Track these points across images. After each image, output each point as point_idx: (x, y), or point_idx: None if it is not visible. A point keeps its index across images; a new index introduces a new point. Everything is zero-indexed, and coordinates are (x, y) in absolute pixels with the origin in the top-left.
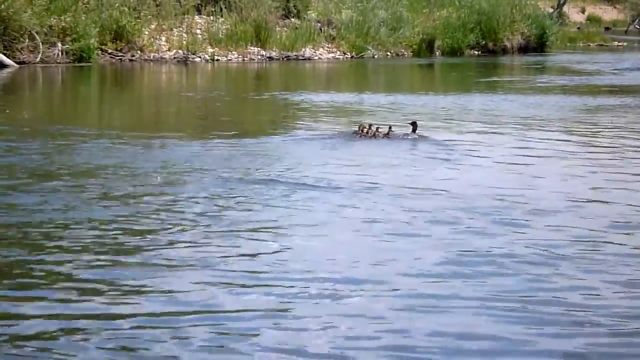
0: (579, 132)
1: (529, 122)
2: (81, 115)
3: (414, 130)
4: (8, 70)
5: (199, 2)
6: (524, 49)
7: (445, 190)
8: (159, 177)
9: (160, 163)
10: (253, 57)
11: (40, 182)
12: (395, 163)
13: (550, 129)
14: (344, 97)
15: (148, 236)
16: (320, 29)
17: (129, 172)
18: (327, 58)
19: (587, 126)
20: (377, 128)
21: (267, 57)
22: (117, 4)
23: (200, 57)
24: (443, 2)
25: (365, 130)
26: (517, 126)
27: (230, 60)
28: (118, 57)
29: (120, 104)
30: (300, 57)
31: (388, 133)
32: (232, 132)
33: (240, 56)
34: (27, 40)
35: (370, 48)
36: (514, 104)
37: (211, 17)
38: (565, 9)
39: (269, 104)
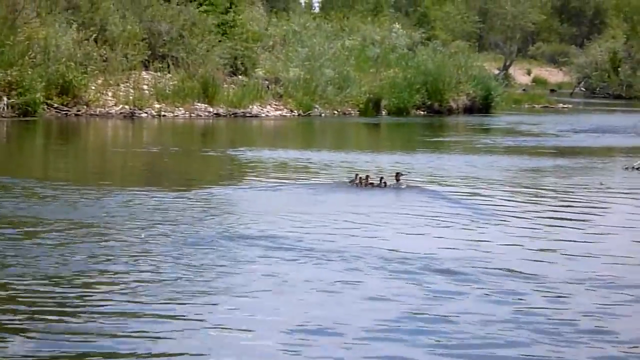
0: (521, 193)
1: (472, 182)
2: (25, 168)
3: (397, 180)
4: None
5: (147, 58)
6: (469, 110)
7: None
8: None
9: (101, 214)
10: (200, 113)
11: None
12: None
13: (493, 190)
14: (293, 154)
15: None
16: (268, 87)
17: (66, 223)
18: (275, 115)
19: (529, 187)
20: (367, 177)
21: (214, 114)
22: (63, 59)
23: (146, 112)
24: (389, 62)
25: (360, 180)
26: (460, 185)
27: (177, 116)
28: (64, 112)
29: (65, 157)
30: (248, 114)
31: (380, 183)
32: (178, 185)
33: (187, 112)
34: None
35: (317, 106)
36: (457, 164)
37: (158, 73)
38: (511, 70)
39: (216, 160)
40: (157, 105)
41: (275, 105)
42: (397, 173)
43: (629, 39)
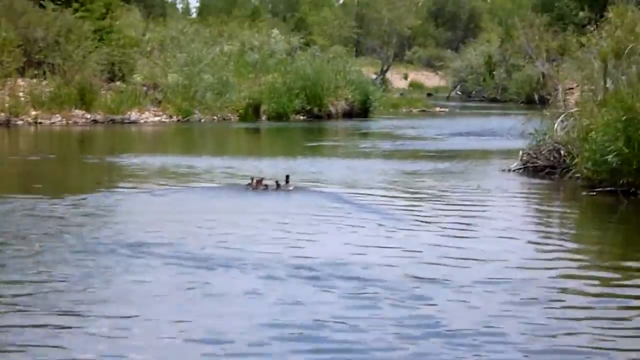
0: (401, 197)
1: (352, 185)
2: None
3: (287, 182)
4: None
5: (22, 64)
6: (348, 114)
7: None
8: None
9: None
10: (78, 120)
11: None
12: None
13: (372, 193)
14: (172, 160)
15: None
16: (146, 93)
17: None
18: (153, 121)
19: (409, 190)
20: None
21: (92, 120)
22: None
23: (22, 120)
24: (268, 67)
25: (255, 183)
26: (340, 189)
27: (54, 123)
28: None
29: None
30: (126, 121)
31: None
32: (57, 193)
33: (64, 119)
34: None
35: (196, 112)
36: (338, 167)
37: (34, 80)
38: (388, 75)
39: (96, 167)
40: (34, 113)
41: (154, 111)
42: (287, 175)
43: (503, 43)
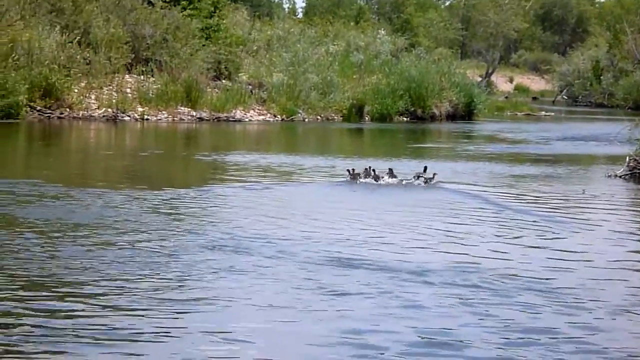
0: (506, 199)
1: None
2: (7, 169)
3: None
4: None
5: (130, 61)
6: (452, 117)
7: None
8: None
9: (87, 215)
10: (183, 117)
11: None
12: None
13: (481, 196)
14: (277, 159)
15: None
16: (251, 91)
17: (50, 224)
18: (258, 120)
19: (513, 194)
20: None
21: (197, 118)
22: (47, 61)
23: (129, 116)
24: (373, 68)
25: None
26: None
27: (160, 119)
28: (47, 114)
29: (47, 159)
30: (231, 119)
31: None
32: (167, 187)
33: (170, 116)
34: None
35: (300, 111)
36: (441, 169)
37: (142, 77)
38: (493, 78)
39: (200, 163)
40: (140, 109)
41: (259, 110)
42: (390, 169)
43: (611, 48)
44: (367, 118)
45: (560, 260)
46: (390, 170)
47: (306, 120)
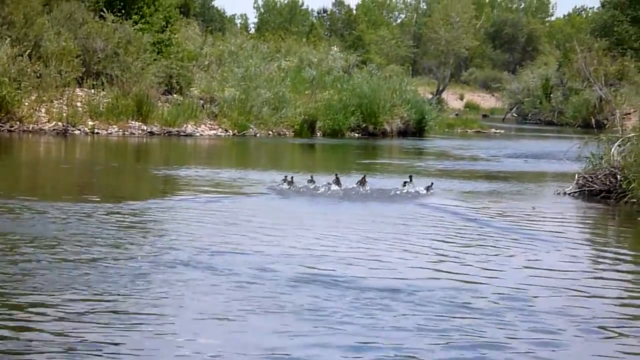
0: (457, 215)
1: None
2: None
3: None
4: None
5: (81, 75)
6: (403, 133)
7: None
8: None
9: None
10: (134, 131)
11: None
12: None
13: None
14: (227, 174)
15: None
16: (203, 106)
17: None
18: (209, 135)
19: (462, 211)
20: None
21: (148, 132)
22: None
23: (80, 129)
24: (325, 84)
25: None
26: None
27: (110, 133)
28: None
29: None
30: (182, 133)
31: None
32: (109, 200)
33: (120, 130)
34: None
35: (252, 126)
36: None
37: (92, 90)
38: (444, 95)
39: (148, 176)
40: (91, 123)
41: (210, 124)
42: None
43: (561, 66)
44: (318, 134)
45: (513, 274)
46: (337, 177)
47: (258, 135)
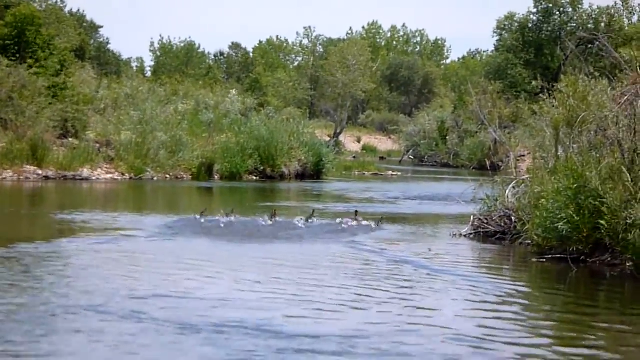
0: (347, 259)
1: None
2: None
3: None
4: None
5: None
6: (301, 176)
7: None
8: None
9: None
10: (29, 175)
11: None
12: None
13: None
14: (123, 218)
15: None
16: (99, 150)
17: None
18: (106, 179)
19: (356, 252)
20: None
21: (44, 176)
22: None
23: None
24: (222, 127)
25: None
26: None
27: (4, 178)
28: None
29: None
30: (78, 177)
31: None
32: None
33: (15, 175)
34: None
35: (149, 170)
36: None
37: None
38: (341, 137)
39: (42, 222)
40: None
41: (107, 168)
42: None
43: (456, 109)
44: (216, 177)
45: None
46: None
47: (155, 178)
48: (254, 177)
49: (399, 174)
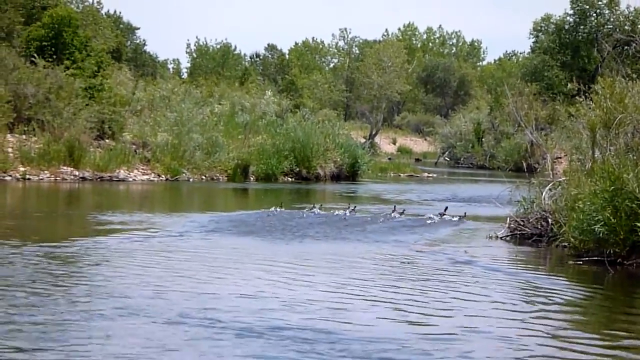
0: (386, 260)
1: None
2: None
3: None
4: None
5: (12, 120)
6: (336, 177)
7: None
8: None
9: None
10: (66, 176)
11: None
12: None
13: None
14: (158, 218)
15: None
16: (135, 151)
17: None
18: (142, 180)
19: (394, 254)
20: None
21: (80, 177)
22: None
23: (11, 175)
24: (258, 128)
25: None
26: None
27: (42, 179)
28: None
29: None
30: (115, 178)
31: None
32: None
33: (52, 175)
34: None
35: (185, 171)
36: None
37: (24, 136)
38: (377, 139)
39: (80, 222)
40: (22, 169)
41: (143, 169)
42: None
43: (492, 110)
44: (252, 178)
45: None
46: None
47: (191, 180)
48: (290, 179)
49: (435, 175)
